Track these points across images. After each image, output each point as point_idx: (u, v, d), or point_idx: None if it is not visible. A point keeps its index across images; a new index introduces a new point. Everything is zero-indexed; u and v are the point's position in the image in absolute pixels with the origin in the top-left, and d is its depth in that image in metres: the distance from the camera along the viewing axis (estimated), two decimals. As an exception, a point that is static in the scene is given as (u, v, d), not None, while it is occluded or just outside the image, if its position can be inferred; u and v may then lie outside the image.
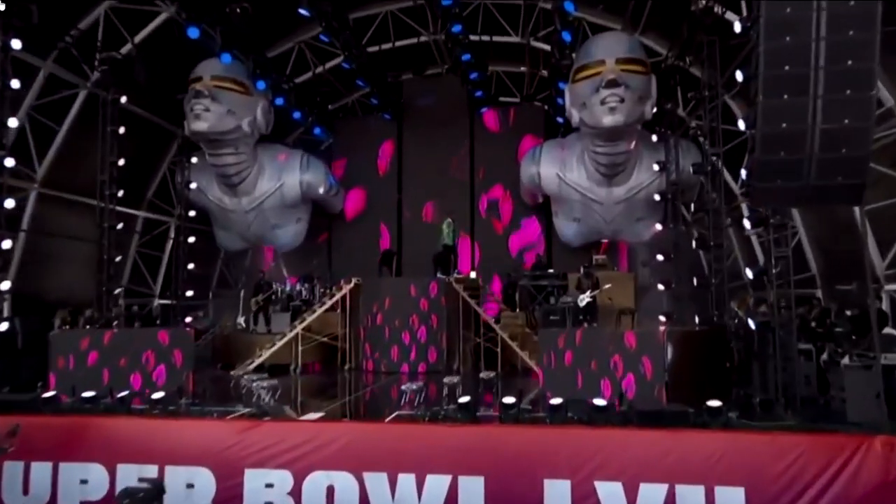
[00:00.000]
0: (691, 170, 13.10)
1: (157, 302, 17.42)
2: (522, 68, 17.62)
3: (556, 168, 15.56)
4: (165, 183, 17.12)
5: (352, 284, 14.57)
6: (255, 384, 9.76)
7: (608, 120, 13.22)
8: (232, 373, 11.63)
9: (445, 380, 10.07)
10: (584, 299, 12.27)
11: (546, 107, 18.06)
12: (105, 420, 7.55)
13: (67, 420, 7.34)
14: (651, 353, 8.72)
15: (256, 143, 16.42)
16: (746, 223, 8.88)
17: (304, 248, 18.19)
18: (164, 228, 17.29)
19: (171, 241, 16.83)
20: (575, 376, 9.62)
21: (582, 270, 13.31)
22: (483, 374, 10.62)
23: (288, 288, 16.70)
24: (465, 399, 8.11)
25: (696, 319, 12.27)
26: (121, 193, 13.99)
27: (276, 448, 6.84)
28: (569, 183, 15.55)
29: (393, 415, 8.84)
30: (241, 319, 16.33)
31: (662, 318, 14.02)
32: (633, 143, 14.61)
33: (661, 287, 14.17)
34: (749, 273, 9.07)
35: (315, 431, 7.08)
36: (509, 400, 8.02)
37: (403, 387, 9.34)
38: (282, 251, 18.47)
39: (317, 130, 18.98)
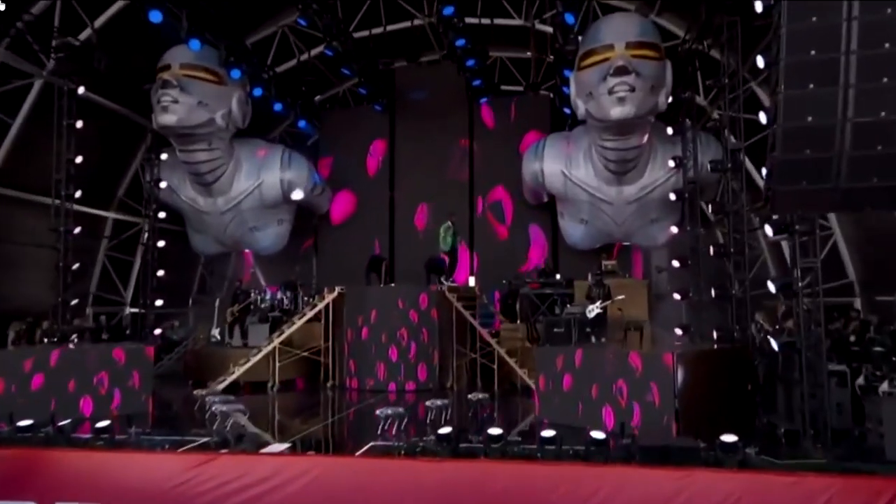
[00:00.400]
0: (709, 167, 12.49)
1: (127, 311, 17.29)
2: (528, 54, 17.36)
3: (560, 164, 15.28)
4: (138, 181, 16.99)
5: (335, 293, 14.28)
6: (217, 408, 9.27)
7: (617, 111, 12.77)
8: (196, 393, 11.14)
9: (429, 403, 9.59)
10: (594, 310, 11.97)
11: (553, 96, 17.68)
12: (42, 453, 7.14)
13: None
14: (659, 378, 8.29)
15: (233, 138, 16.15)
16: (767, 230, 8.32)
17: (288, 252, 18.00)
18: (137, 231, 17.04)
19: (143, 245, 16.51)
20: (574, 403, 9.17)
21: (591, 278, 13.16)
22: (473, 396, 10.10)
23: (268, 297, 16.28)
24: (446, 430, 7.69)
25: (715, 334, 11.78)
26: (78, 194, 13.66)
27: (233, 485, 6.48)
28: (575, 181, 15.26)
29: (367, 446, 8.49)
30: (215, 331, 15.88)
31: (679, 332, 13.58)
32: (646, 136, 14.20)
33: (677, 297, 13.55)
34: (772, 286, 8.42)
35: (277, 466, 6.68)
36: (496, 431, 7.58)
37: (379, 412, 8.89)
38: (263, 255, 18.23)
39: (301, 123, 18.67)
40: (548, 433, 7.42)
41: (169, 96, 14.31)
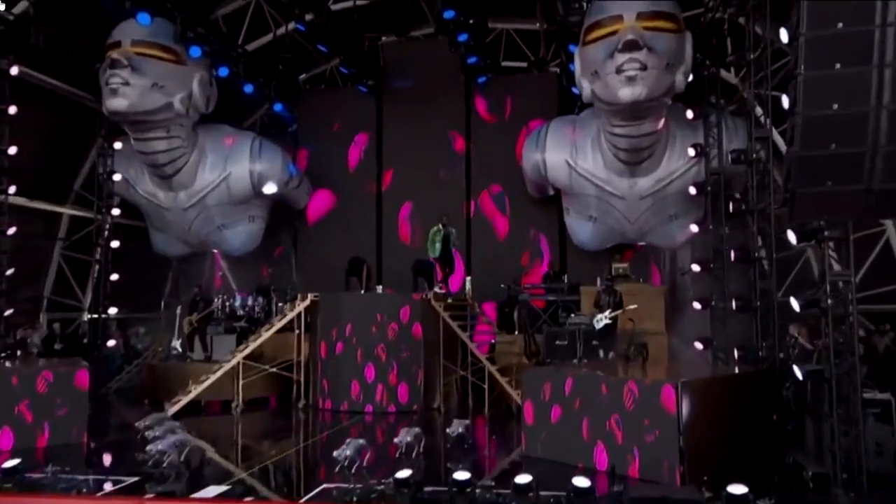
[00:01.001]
0: (729, 158, 11.87)
1: (86, 317, 17.05)
2: (537, 25, 16.89)
3: (565, 154, 14.83)
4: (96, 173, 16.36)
5: (307, 301, 13.85)
6: (152, 446, 8.82)
7: (626, 93, 12.22)
8: (138, 424, 10.74)
9: (397, 439, 9.08)
10: (602, 320, 11.91)
11: (559, 72, 17.24)
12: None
13: None
14: (658, 415, 7.68)
15: (197, 125, 15.81)
16: (791, 236, 7.68)
17: (262, 253, 17.89)
18: (96, 228, 16.51)
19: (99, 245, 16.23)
20: (563, 437, 8.72)
21: (601, 284, 12.88)
22: (451, 429, 9.60)
23: (238, 303, 16.21)
24: (405, 473, 7.37)
25: (736, 353, 11.42)
26: (12, 189, 13.22)
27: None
28: (581, 173, 14.83)
29: (317, 489, 8.05)
30: (176, 343, 15.51)
31: (699, 346, 13.16)
32: (662, 121, 13.68)
33: (696, 306, 12.97)
34: (795, 303, 7.80)
35: (207, 515, 6.15)
36: (463, 476, 7.24)
37: (336, 453, 8.52)
38: (234, 256, 18.05)
39: (277, 107, 18.21)
40: (523, 478, 7.04)
41: (119, 78, 13.85)
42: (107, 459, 10.13)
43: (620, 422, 8.13)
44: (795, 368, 8.17)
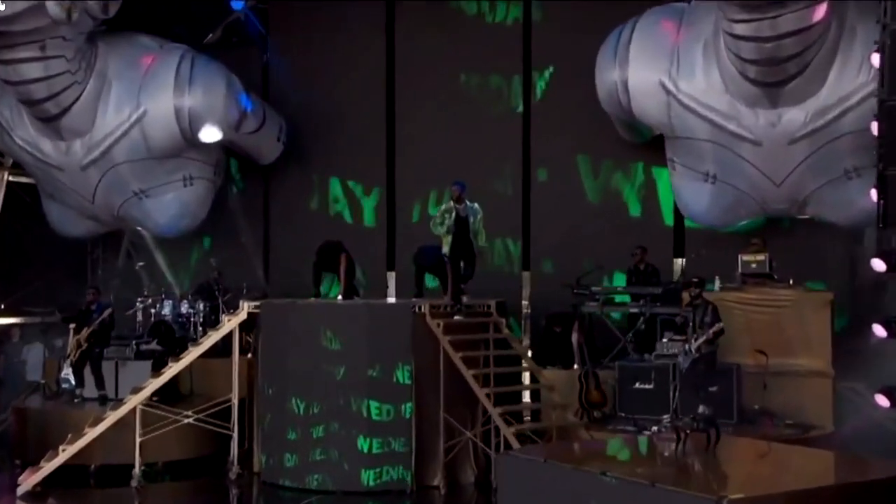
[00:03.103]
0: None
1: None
2: None
3: (659, 71, 14.17)
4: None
5: (243, 313, 13.90)
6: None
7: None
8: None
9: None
10: (691, 351, 11.39)
11: None
12: None
13: None
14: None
15: (96, 38, 15.54)
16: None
17: (211, 235, 18.19)
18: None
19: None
20: None
21: (687, 291, 12.32)
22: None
23: (167, 311, 16.47)
24: None
25: None
26: None
27: None
28: (686, 102, 14.09)
29: None
30: (68, 372, 14.99)
31: (883, 401, 11.50)
32: (822, 10, 12.53)
33: (879, 332, 11.49)
34: None
35: None
36: None
37: None
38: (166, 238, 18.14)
39: (237, 4, 17.58)
40: None
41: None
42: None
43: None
44: None
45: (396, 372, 12.77)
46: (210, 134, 16.04)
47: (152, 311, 16.30)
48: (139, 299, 16.58)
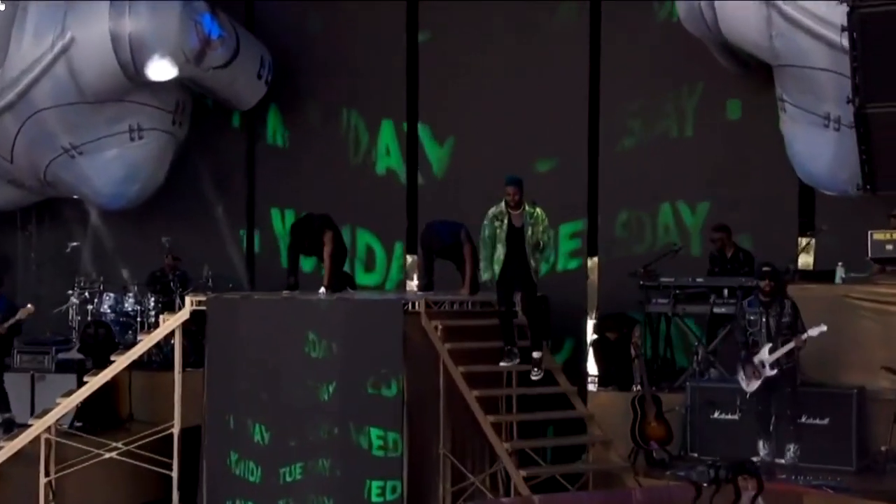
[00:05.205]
0: None
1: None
2: None
3: None
4: None
5: (185, 313, 14.16)
6: None
7: None
8: None
9: None
10: (764, 366, 11.93)
11: None
12: None
13: None
14: None
15: None
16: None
17: (172, 206, 18.35)
18: None
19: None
20: None
21: (764, 279, 12.45)
22: None
23: (106, 306, 16.78)
24: None
25: None
26: None
27: None
28: (794, 16, 14.07)
29: None
30: None
31: None
32: None
33: None
34: None
35: None
36: None
37: None
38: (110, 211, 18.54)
39: None
40: None
41: None
42: None
43: None
44: None
45: (382, 391, 12.87)
46: (161, 69, 16.16)
47: (89, 307, 16.57)
48: (70, 292, 16.86)
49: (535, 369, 13.43)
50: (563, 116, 17.38)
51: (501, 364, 13.43)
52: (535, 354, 13.34)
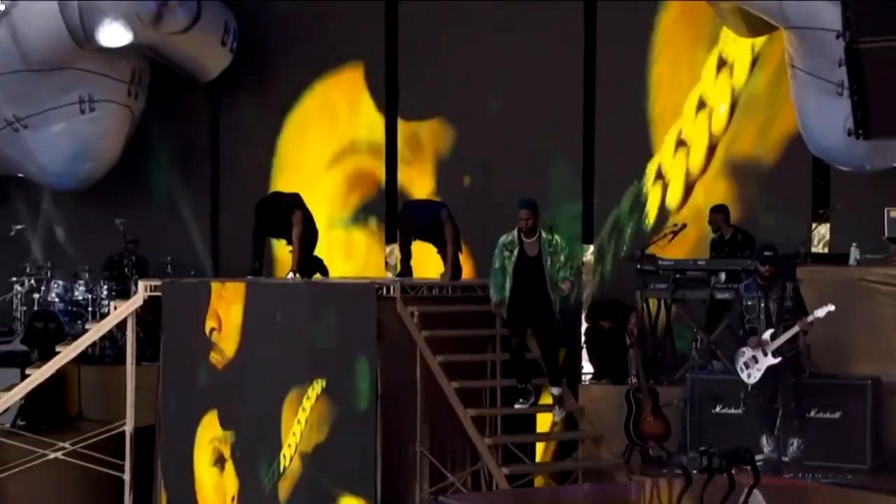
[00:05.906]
0: None
1: None
2: None
3: None
4: None
5: (138, 299, 14.43)
6: None
7: None
8: None
9: None
10: (766, 354, 11.96)
11: None
12: None
13: None
14: None
15: None
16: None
17: (128, 186, 18.50)
18: None
19: None
20: None
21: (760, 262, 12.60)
22: None
23: (55, 295, 17.00)
24: None
25: None
26: None
27: None
28: None
29: None
30: None
31: None
32: None
33: None
34: None
35: None
36: None
37: None
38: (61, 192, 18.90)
39: None
40: None
41: None
42: None
43: None
44: None
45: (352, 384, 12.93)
46: (113, 34, 16.21)
47: (36, 296, 16.76)
48: (14, 279, 17.06)
49: (557, 408, 13.46)
50: (557, 99, 17.28)
51: (517, 406, 13.46)
52: (555, 391, 13.34)
